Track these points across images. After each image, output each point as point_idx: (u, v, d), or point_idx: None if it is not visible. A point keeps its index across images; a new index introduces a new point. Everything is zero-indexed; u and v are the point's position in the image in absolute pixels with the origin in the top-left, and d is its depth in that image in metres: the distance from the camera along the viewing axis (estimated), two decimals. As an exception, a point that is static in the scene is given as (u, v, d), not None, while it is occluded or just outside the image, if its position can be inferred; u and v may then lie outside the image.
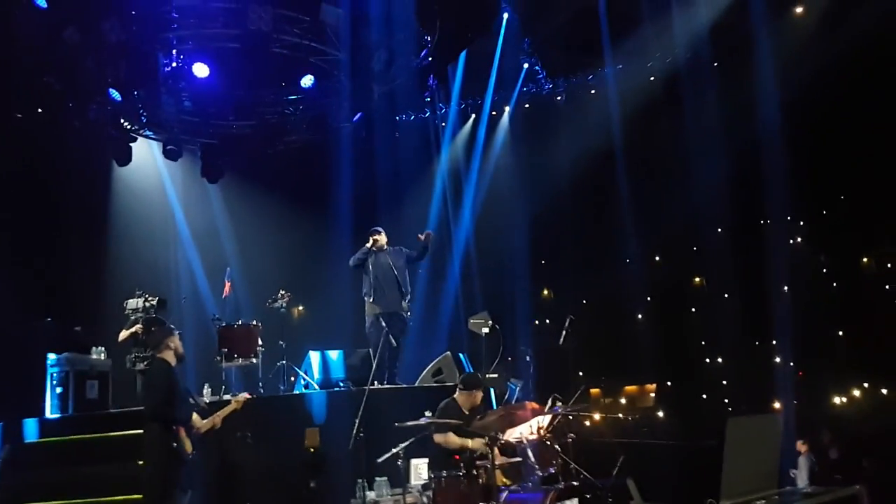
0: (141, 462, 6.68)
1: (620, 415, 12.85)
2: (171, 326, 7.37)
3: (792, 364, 12.63)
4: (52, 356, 9.21)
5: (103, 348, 9.68)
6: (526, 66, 14.59)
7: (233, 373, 9.37)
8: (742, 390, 12.80)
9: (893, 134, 11.17)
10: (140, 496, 6.88)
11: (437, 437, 7.09)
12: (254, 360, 9.12)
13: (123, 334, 9.22)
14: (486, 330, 9.35)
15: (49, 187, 11.25)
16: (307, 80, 11.16)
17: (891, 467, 9.36)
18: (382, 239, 9.56)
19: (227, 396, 7.82)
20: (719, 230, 13.52)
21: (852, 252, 13.64)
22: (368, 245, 9.52)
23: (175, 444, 6.35)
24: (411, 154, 13.97)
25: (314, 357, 9.49)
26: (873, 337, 12.14)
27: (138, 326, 9.12)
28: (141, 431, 6.67)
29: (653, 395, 14.86)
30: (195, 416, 6.75)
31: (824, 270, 13.91)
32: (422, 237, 9.55)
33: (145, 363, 8.58)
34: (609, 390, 14.68)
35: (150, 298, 9.34)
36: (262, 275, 11.93)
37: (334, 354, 9.58)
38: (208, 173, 12.58)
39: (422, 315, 12.72)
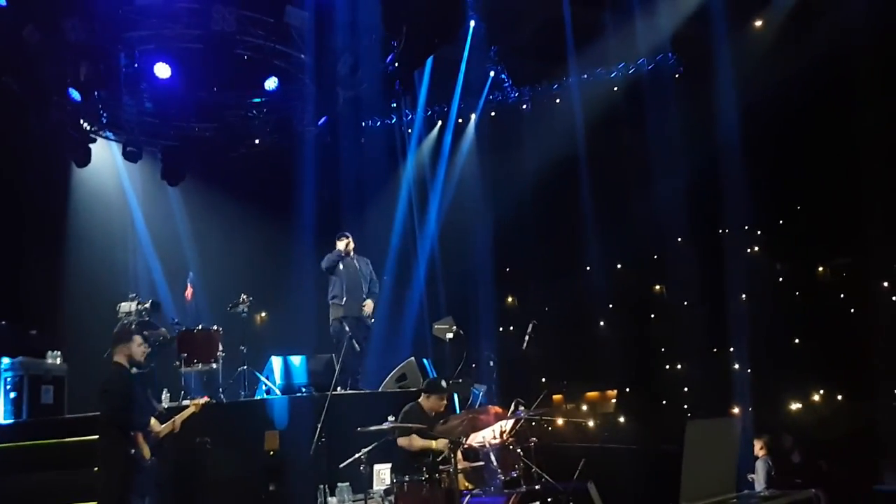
0: (97, 469, 6.55)
1: (582, 420, 12.98)
2: (162, 329, 7.25)
3: (749, 370, 12.82)
4: (5, 360, 8.95)
5: (59, 352, 9.47)
6: (492, 74, 14.65)
7: (192, 378, 9.24)
8: (701, 396, 12.95)
9: (848, 146, 11.42)
10: (96, 503, 6.75)
11: (401, 441, 7.10)
12: (214, 366, 8.97)
13: None
14: (450, 335, 9.41)
15: (5, 188, 10.97)
16: (271, 83, 11.02)
17: (848, 471, 9.56)
18: (352, 244, 9.93)
19: (185, 402, 7.71)
20: (679, 239, 13.70)
21: (808, 261, 13.90)
22: (341, 248, 9.79)
23: (132, 451, 6.25)
24: (377, 160, 13.91)
25: (276, 362, 9.40)
26: (828, 344, 12.35)
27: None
28: (97, 437, 6.56)
29: (614, 400, 14.97)
30: (153, 420, 6.66)
31: (781, 279, 14.16)
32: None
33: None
34: (571, 396, 14.69)
35: (142, 302, 9.20)
36: (223, 279, 11.76)
37: (297, 360, 9.50)
38: (169, 176, 12.30)
39: (386, 320, 12.69)
